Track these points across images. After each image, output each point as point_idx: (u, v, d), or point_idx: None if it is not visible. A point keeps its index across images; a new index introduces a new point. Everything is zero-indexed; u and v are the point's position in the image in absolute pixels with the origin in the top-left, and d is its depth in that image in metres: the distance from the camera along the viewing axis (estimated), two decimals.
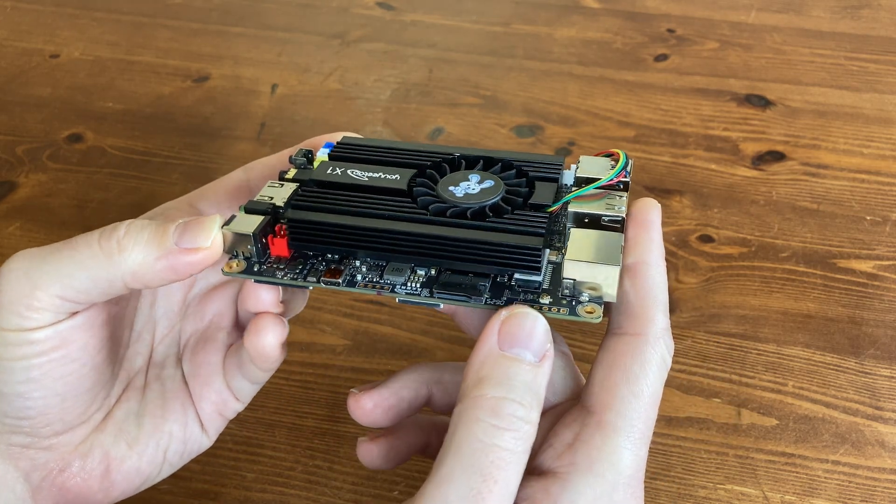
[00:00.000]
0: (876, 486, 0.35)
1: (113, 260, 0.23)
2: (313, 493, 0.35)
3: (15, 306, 0.23)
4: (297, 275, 0.25)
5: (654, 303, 0.24)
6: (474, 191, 0.26)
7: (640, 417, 0.23)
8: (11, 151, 0.52)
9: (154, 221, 0.24)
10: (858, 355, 0.39)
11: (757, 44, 0.58)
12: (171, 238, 0.24)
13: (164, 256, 0.24)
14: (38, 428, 0.24)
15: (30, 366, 0.23)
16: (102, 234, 0.24)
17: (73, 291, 0.23)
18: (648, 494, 0.35)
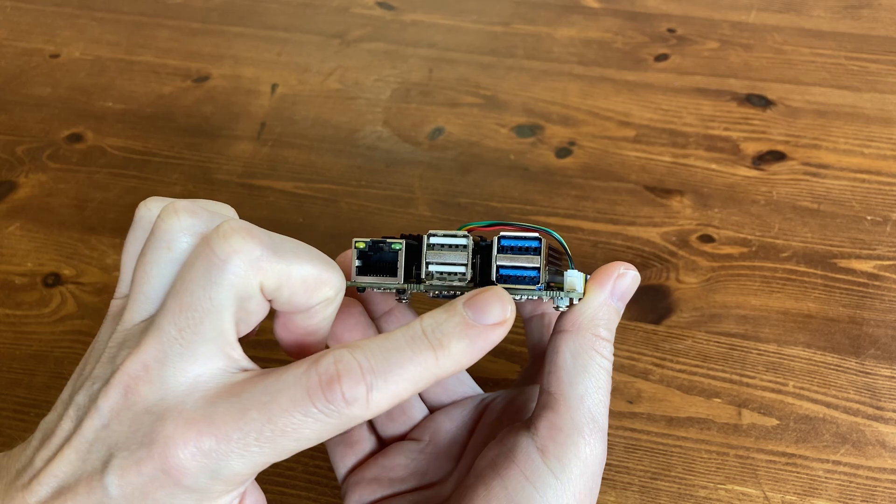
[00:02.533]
0: (877, 487, 0.35)
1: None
2: (313, 493, 0.35)
3: None
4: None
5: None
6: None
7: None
8: (11, 151, 0.52)
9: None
10: (859, 355, 0.39)
11: (757, 43, 0.58)
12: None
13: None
14: None
15: None
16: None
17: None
18: (649, 494, 0.35)
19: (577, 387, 0.27)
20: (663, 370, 0.39)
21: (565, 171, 0.49)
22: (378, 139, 0.52)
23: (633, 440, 0.36)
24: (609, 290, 0.28)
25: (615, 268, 0.28)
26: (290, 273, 0.23)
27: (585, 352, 0.27)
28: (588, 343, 0.27)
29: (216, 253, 0.22)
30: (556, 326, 0.28)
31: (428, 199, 0.48)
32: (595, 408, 0.26)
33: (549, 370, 0.27)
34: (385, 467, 0.31)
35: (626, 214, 0.46)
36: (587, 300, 0.27)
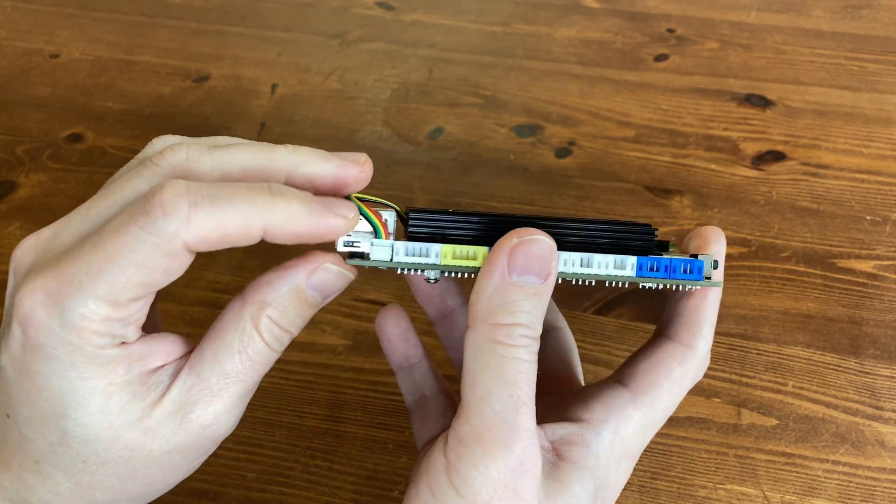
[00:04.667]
0: (876, 486, 0.35)
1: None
2: (313, 492, 0.35)
3: None
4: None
5: (709, 323, 0.28)
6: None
7: (664, 412, 0.27)
8: (11, 151, 0.52)
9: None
10: (858, 355, 0.39)
11: (757, 44, 0.58)
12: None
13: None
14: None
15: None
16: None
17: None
18: (648, 494, 0.35)
19: (478, 387, 0.24)
20: None
21: (565, 171, 0.49)
22: (378, 139, 0.52)
23: None
24: (500, 268, 0.24)
25: (507, 240, 0.24)
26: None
27: (484, 346, 0.24)
28: (485, 335, 0.24)
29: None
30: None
31: (428, 199, 0.48)
32: (503, 408, 0.23)
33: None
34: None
35: (626, 214, 0.46)
36: (477, 284, 0.24)
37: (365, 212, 0.26)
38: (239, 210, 0.22)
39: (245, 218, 0.22)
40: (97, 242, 0.22)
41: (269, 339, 0.24)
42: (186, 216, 0.21)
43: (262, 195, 0.22)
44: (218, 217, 0.22)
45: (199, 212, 0.21)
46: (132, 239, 0.21)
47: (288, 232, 0.23)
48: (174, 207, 0.21)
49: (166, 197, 0.21)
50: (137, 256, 0.21)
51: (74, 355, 0.22)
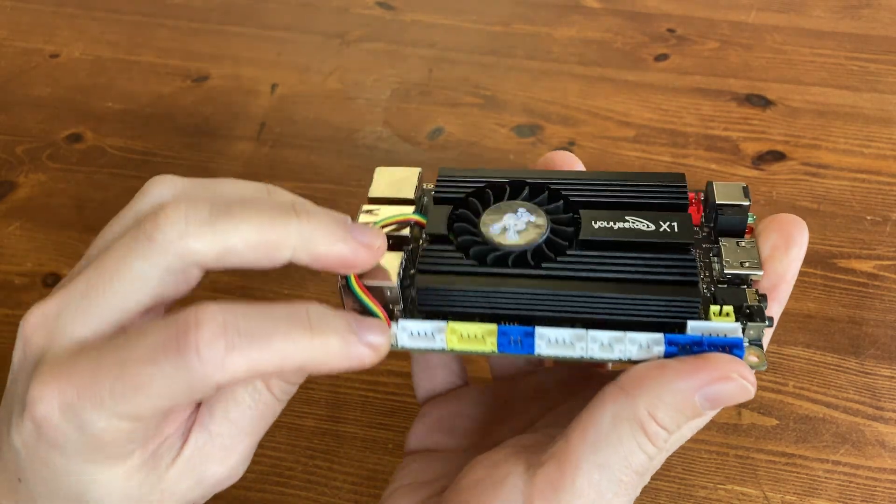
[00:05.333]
0: (876, 487, 0.35)
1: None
2: (313, 493, 0.35)
3: None
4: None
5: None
6: (520, 227, 0.26)
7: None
8: (11, 151, 0.52)
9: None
10: (859, 355, 0.39)
11: (757, 44, 0.58)
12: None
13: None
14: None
15: None
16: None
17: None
18: (648, 494, 0.35)
19: (600, 454, 0.22)
20: None
21: None
22: (378, 139, 0.52)
23: None
24: (697, 384, 0.22)
25: (725, 366, 0.22)
26: (227, 244, 0.21)
27: (630, 424, 0.22)
28: (638, 417, 0.22)
29: (144, 229, 0.21)
30: (619, 376, 0.24)
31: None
32: (607, 488, 0.22)
33: (581, 417, 0.24)
34: (454, 412, 0.30)
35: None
36: (668, 367, 0.23)
37: (365, 302, 0.24)
38: (277, 351, 0.21)
39: (281, 360, 0.21)
40: (122, 363, 0.20)
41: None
42: (222, 361, 0.20)
43: (301, 332, 0.21)
44: (255, 359, 0.20)
45: (236, 356, 0.20)
46: (160, 373, 0.20)
47: (324, 369, 0.22)
48: (211, 352, 0.20)
49: (203, 339, 0.20)
50: (165, 390, 0.20)
51: (94, 454, 0.21)
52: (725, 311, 0.24)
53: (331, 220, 0.23)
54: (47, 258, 0.45)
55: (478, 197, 0.27)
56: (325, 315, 0.22)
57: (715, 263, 0.26)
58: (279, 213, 0.22)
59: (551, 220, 0.26)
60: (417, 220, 0.27)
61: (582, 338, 0.24)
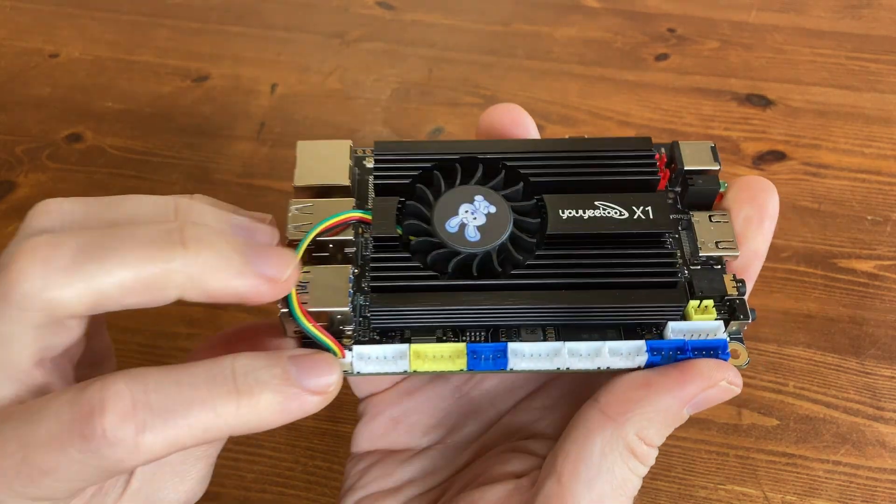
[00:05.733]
0: (877, 487, 0.35)
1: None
2: (313, 493, 0.35)
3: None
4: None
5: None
6: (479, 222, 0.23)
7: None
8: (11, 151, 0.52)
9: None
10: (859, 355, 0.39)
11: (757, 43, 0.58)
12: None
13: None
14: None
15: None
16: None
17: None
18: (649, 495, 0.35)
19: (594, 490, 0.22)
20: None
21: None
22: (378, 139, 0.52)
23: None
24: (685, 397, 0.22)
25: (711, 372, 0.22)
26: (98, 289, 0.18)
27: (619, 452, 0.22)
28: (628, 443, 0.22)
29: (6, 273, 0.18)
30: (598, 393, 0.23)
31: None
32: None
33: (568, 450, 0.23)
34: (409, 409, 0.29)
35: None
36: (649, 385, 0.22)
37: (311, 331, 0.22)
38: (197, 424, 0.18)
39: (204, 432, 0.18)
40: (25, 446, 0.18)
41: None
42: (135, 444, 0.18)
43: (225, 397, 0.19)
44: (172, 437, 0.18)
45: (149, 437, 0.18)
46: (67, 459, 0.18)
47: (258, 431, 0.20)
48: (118, 436, 0.18)
49: (109, 423, 0.17)
50: (75, 475, 0.18)
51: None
52: (705, 304, 0.23)
53: (226, 249, 0.19)
54: None
55: (426, 182, 0.24)
56: (254, 369, 0.19)
57: (685, 239, 0.24)
58: (162, 247, 0.19)
59: (513, 208, 0.24)
60: (361, 217, 0.24)
61: (559, 352, 0.22)
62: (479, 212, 0.23)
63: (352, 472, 0.29)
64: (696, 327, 0.22)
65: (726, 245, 0.24)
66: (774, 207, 0.24)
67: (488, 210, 0.23)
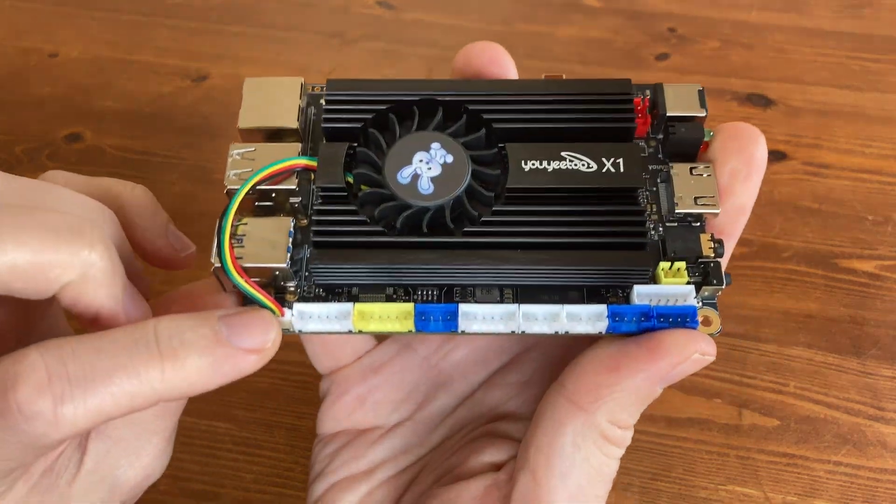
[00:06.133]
0: (878, 487, 0.35)
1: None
2: None
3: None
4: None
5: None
6: (433, 172, 0.21)
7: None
8: (10, 151, 0.52)
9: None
10: (860, 355, 0.39)
11: (758, 43, 0.58)
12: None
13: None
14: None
15: None
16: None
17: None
18: (649, 495, 0.35)
19: (569, 480, 0.21)
20: None
21: None
22: None
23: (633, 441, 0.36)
24: (657, 374, 0.21)
25: (684, 347, 0.20)
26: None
27: (593, 440, 0.21)
28: (601, 431, 0.21)
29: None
30: (564, 378, 0.22)
31: None
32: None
33: (540, 443, 0.22)
34: (374, 385, 0.28)
35: None
36: (617, 367, 0.21)
37: (247, 290, 0.20)
38: (121, 392, 0.18)
39: (130, 400, 0.18)
40: None
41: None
42: (54, 417, 0.17)
43: (148, 362, 0.18)
44: (94, 407, 0.17)
45: (69, 408, 0.17)
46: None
47: (191, 395, 0.19)
48: (34, 409, 0.17)
49: (23, 396, 0.17)
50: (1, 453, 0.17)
51: None
52: (676, 267, 0.21)
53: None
54: None
55: (380, 126, 0.22)
56: (179, 332, 0.18)
57: (663, 193, 0.22)
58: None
59: (472, 158, 0.22)
60: (306, 164, 0.22)
61: (513, 315, 0.20)
62: (435, 161, 0.22)
63: (319, 456, 0.28)
64: (665, 291, 0.20)
65: (706, 201, 0.21)
66: (763, 158, 0.23)
67: (444, 159, 0.22)
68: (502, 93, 0.23)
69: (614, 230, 0.21)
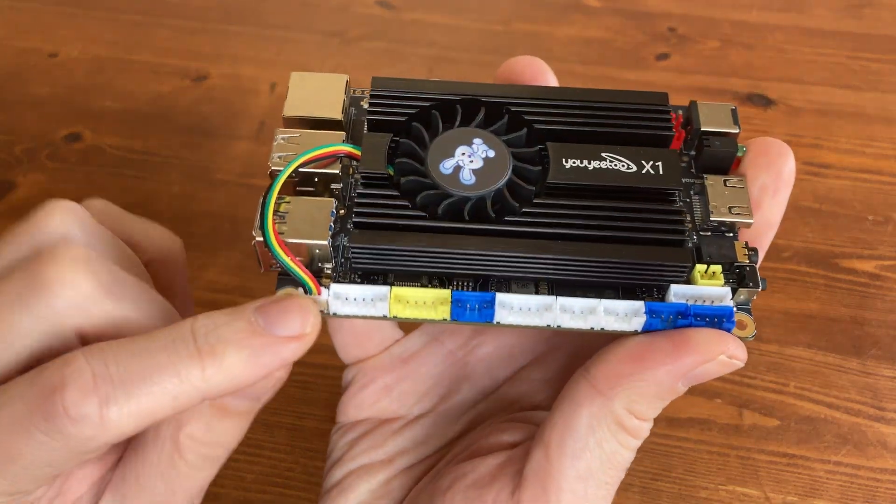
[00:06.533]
0: (878, 487, 0.35)
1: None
2: (313, 493, 0.35)
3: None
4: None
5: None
6: (475, 165, 0.22)
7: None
8: (10, 151, 0.51)
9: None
10: (860, 355, 0.39)
11: (758, 43, 0.58)
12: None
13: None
14: None
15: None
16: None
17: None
18: (650, 495, 0.35)
19: (581, 463, 0.21)
20: None
21: None
22: None
23: None
24: (680, 371, 0.20)
25: (711, 345, 0.20)
26: (117, 322, 0.19)
27: (608, 426, 0.21)
28: (617, 416, 0.21)
29: (40, 275, 0.18)
30: (590, 363, 0.22)
31: None
32: (594, 495, 0.22)
33: (556, 421, 0.22)
34: (401, 376, 0.28)
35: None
36: (643, 358, 0.21)
37: (288, 264, 0.21)
38: (164, 392, 0.18)
39: (173, 400, 0.18)
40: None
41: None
42: (100, 419, 0.17)
43: (188, 361, 0.18)
44: (139, 409, 0.18)
45: (114, 410, 0.17)
46: (35, 443, 0.17)
47: (232, 392, 0.19)
48: (81, 412, 0.17)
49: (70, 399, 0.17)
50: (43, 458, 0.18)
51: None
52: (712, 270, 0.21)
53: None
54: None
55: (423, 121, 0.23)
56: (214, 326, 0.18)
57: (697, 204, 0.23)
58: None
59: (513, 154, 0.22)
60: (349, 151, 0.22)
61: (550, 307, 0.20)
62: (477, 155, 0.22)
63: (339, 443, 0.28)
64: (701, 292, 0.21)
65: (740, 211, 0.22)
66: (791, 174, 0.23)
67: (487, 154, 0.22)
68: (542, 97, 0.23)
69: (653, 226, 0.21)
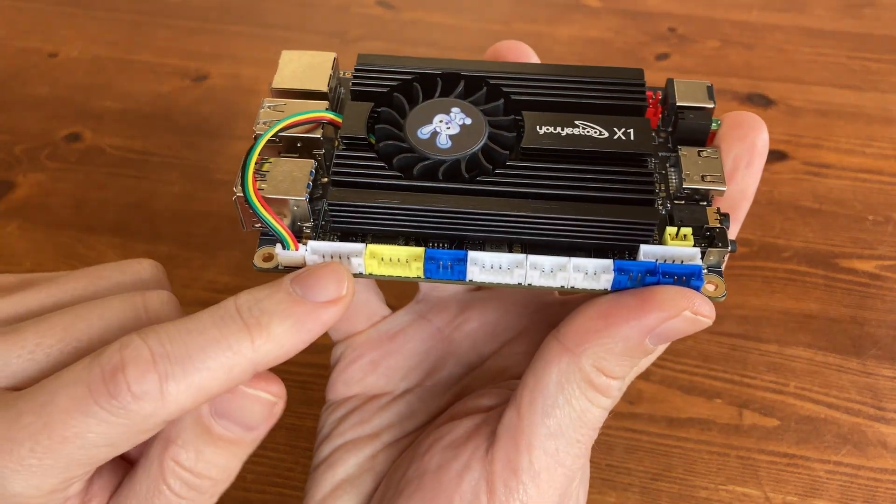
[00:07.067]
0: (878, 487, 0.35)
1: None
2: None
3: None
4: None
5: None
6: (452, 131, 0.23)
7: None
8: (10, 151, 0.51)
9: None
10: (860, 355, 0.39)
11: (758, 43, 0.58)
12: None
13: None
14: None
15: None
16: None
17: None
18: (650, 495, 0.35)
19: (551, 420, 0.22)
20: (664, 371, 0.39)
21: None
22: None
23: (633, 441, 0.36)
24: (647, 327, 0.21)
25: (676, 302, 0.20)
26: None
27: (577, 383, 0.22)
28: (585, 374, 0.21)
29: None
30: (561, 324, 0.23)
31: None
32: (565, 452, 0.22)
33: (527, 381, 0.22)
34: (388, 352, 0.28)
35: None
36: (608, 315, 0.21)
37: (267, 220, 0.22)
38: (218, 366, 0.19)
39: (227, 373, 0.19)
40: (49, 414, 0.18)
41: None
42: (161, 394, 0.18)
43: (237, 334, 0.19)
44: (197, 383, 0.18)
45: (173, 385, 0.18)
46: (94, 420, 0.18)
47: (285, 357, 0.20)
48: (143, 389, 0.18)
49: (132, 376, 0.18)
50: (101, 437, 0.18)
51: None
52: (683, 233, 0.21)
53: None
54: (46, 258, 0.45)
55: (403, 92, 0.24)
56: (258, 301, 0.19)
57: (672, 175, 0.23)
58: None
59: (490, 122, 0.23)
60: (331, 118, 0.23)
61: (521, 264, 0.21)
62: (454, 122, 0.23)
63: (328, 420, 0.28)
64: (671, 252, 0.21)
65: (713, 178, 0.22)
66: (764, 145, 0.24)
67: (464, 121, 0.23)
68: (521, 72, 0.24)
69: (623, 187, 0.22)
